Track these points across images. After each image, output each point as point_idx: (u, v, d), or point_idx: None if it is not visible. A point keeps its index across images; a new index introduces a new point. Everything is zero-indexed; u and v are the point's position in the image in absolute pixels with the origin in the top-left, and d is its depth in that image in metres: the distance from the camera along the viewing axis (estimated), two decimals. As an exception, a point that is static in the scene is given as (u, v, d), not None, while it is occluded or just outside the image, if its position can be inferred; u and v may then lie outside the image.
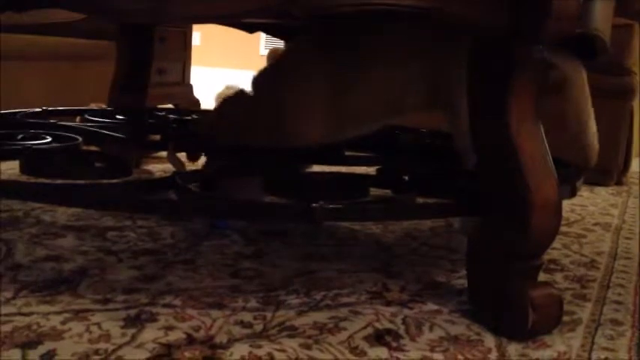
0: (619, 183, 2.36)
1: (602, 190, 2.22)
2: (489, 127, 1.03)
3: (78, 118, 1.83)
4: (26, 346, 0.86)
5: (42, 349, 0.85)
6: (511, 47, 0.99)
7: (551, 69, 1.29)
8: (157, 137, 1.70)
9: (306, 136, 1.37)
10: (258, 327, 0.96)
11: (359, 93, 1.36)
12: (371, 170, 1.55)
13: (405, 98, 1.38)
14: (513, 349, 0.95)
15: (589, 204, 1.98)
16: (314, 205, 0.98)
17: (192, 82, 3.46)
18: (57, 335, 0.89)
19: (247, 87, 1.45)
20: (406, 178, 1.34)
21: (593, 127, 1.47)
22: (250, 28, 1.90)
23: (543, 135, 1.02)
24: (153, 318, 0.97)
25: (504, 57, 1.00)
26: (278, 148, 1.38)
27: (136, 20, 1.81)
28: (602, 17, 1.27)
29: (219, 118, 1.49)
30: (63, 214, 1.45)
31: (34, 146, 1.37)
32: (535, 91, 1.02)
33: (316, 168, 1.59)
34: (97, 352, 0.86)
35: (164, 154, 1.76)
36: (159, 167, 2.01)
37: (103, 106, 2.05)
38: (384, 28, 1.32)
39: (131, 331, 0.92)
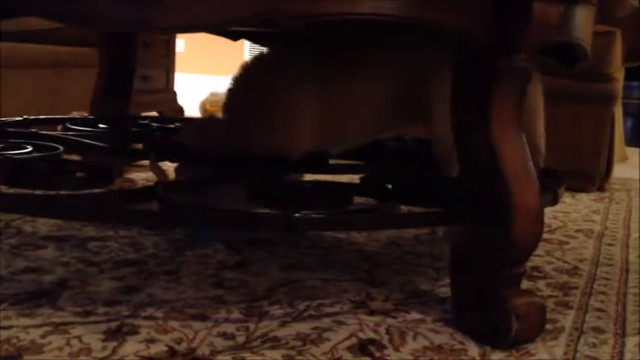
0: (601, 189, 2.37)
1: (584, 197, 2.24)
2: (471, 135, 1.04)
3: (60, 127, 1.82)
4: (5, 360, 0.85)
5: (21, 364, 0.84)
6: (493, 56, 1.00)
7: None
8: (140, 146, 1.69)
9: (292, 150, 1.38)
10: (241, 338, 0.96)
11: (344, 107, 1.36)
12: (355, 178, 1.55)
13: (388, 113, 1.39)
14: (497, 357, 0.95)
15: (571, 210, 1.99)
16: (297, 215, 0.97)
17: (176, 89, 3.45)
18: (37, 349, 0.88)
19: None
20: (390, 186, 1.34)
21: (541, 128, 1.49)
22: (234, 36, 1.89)
23: (525, 142, 1.03)
24: (134, 330, 0.96)
25: (486, 65, 1.00)
26: (262, 158, 1.38)
27: (118, 30, 1.80)
28: (582, 25, 1.28)
29: (203, 128, 1.48)
30: (44, 224, 1.44)
31: (15, 156, 1.36)
32: (516, 99, 1.03)
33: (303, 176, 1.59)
34: (77, 366, 0.85)
35: (147, 162, 1.76)
36: (142, 176, 1.99)
37: (86, 114, 2.04)
38: (367, 41, 1.32)
39: (112, 345, 0.91)
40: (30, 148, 1.41)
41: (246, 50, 6.12)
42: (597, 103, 2.35)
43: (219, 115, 2.62)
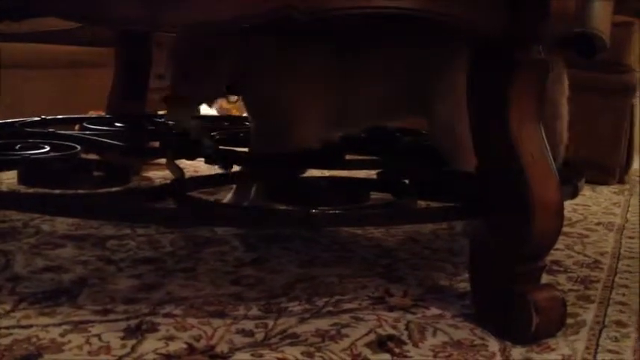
0: (621, 181, 2.35)
1: (604, 189, 2.21)
2: (490, 129, 1.03)
3: (77, 126, 1.83)
4: (25, 359, 0.85)
5: (41, 362, 0.85)
6: (510, 48, 0.99)
7: None
8: (157, 144, 1.70)
9: (305, 137, 1.39)
10: (260, 335, 0.95)
11: (354, 95, 1.38)
12: (371, 174, 1.54)
13: (391, 103, 1.41)
14: (517, 353, 0.94)
15: (591, 203, 1.97)
16: (314, 210, 0.97)
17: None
18: (56, 348, 0.88)
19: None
20: (407, 181, 1.33)
21: (565, 121, 1.48)
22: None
23: (544, 136, 1.01)
24: (153, 328, 0.96)
25: (503, 58, 0.99)
26: (278, 153, 1.38)
27: (133, 28, 1.81)
28: (601, 15, 1.26)
29: None
30: (62, 223, 1.45)
31: (33, 156, 1.37)
32: (535, 91, 1.02)
33: (317, 172, 1.58)
34: (97, 364, 0.85)
35: (164, 160, 1.76)
36: (159, 174, 2.00)
37: (102, 113, 2.05)
38: (378, 34, 1.33)
39: (131, 342, 0.91)
40: (48, 148, 1.42)
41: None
42: (616, 95, 2.32)
43: (235, 113, 2.62)
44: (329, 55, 1.38)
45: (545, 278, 1.07)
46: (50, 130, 1.67)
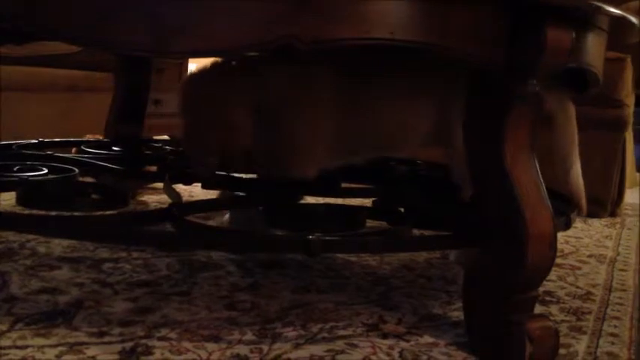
0: (613, 214, 2.37)
1: (595, 222, 2.23)
2: (485, 160, 1.04)
3: (74, 150, 1.84)
4: (21, 379, 0.85)
5: (37, 383, 0.85)
6: (506, 81, 1.01)
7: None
8: (154, 168, 1.71)
9: (307, 166, 1.39)
10: (255, 360, 0.96)
11: (364, 124, 1.37)
12: (366, 202, 1.56)
13: (407, 133, 1.40)
14: (510, 382, 0.95)
15: (583, 236, 1.99)
16: (311, 237, 0.98)
17: (187, 113, 3.47)
18: (52, 369, 0.89)
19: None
20: (402, 209, 1.34)
21: (577, 162, 1.50)
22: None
23: (538, 167, 1.03)
24: (148, 351, 0.96)
25: (500, 91, 1.01)
26: (276, 179, 1.39)
27: (136, 54, 1.83)
28: (594, 51, 1.29)
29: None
30: (58, 245, 1.45)
31: (31, 177, 1.38)
32: (530, 124, 1.04)
33: (312, 199, 1.60)
34: (92, 385, 0.85)
35: (160, 185, 1.77)
36: (154, 198, 2.01)
37: (100, 137, 2.06)
38: (392, 63, 1.33)
39: (127, 365, 0.91)
40: (45, 170, 1.43)
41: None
42: (608, 129, 2.35)
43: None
44: (334, 81, 1.37)
45: (538, 308, 1.08)
46: (48, 152, 1.68)
